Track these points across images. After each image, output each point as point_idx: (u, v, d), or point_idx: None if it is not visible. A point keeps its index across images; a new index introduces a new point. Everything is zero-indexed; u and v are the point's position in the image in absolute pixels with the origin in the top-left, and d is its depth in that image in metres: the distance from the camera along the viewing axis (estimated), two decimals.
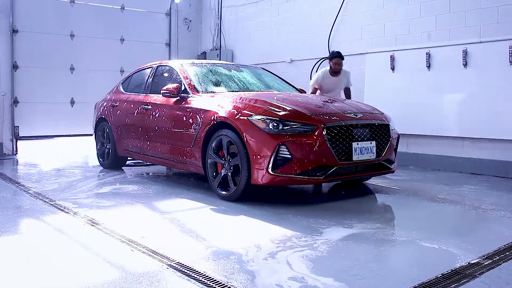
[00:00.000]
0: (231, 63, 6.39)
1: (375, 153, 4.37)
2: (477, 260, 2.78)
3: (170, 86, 5.03)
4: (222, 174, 4.40)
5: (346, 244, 3.10)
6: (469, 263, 2.73)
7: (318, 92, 6.41)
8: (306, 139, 4.03)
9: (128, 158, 6.48)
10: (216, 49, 9.78)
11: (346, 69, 6.52)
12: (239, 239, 3.25)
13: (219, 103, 4.57)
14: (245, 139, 4.12)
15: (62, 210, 4.02)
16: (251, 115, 4.18)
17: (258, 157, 4.04)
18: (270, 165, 3.99)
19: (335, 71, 6.36)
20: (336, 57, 6.27)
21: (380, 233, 3.35)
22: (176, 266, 2.66)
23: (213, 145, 4.47)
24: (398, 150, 4.94)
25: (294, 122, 4.08)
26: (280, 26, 8.65)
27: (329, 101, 4.88)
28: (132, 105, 5.85)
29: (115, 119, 6.14)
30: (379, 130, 4.50)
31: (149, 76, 5.91)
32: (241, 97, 4.59)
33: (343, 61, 6.34)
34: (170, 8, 9.81)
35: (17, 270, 2.64)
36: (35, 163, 7.04)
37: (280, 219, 3.72)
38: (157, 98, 5.40)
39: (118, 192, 4.82)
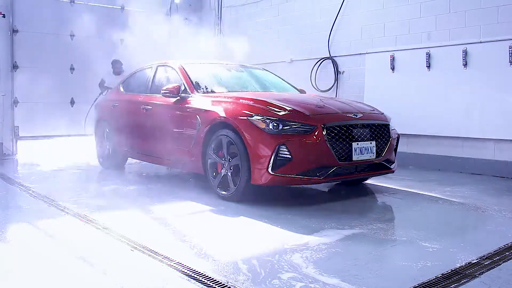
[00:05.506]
0: (231, 63, 6.39)
1: (375, 153, 4.38)
2: (477, 260, 2.78)
3: (170, 86, 5.03)
4: (222, 174, 4.40)
5: (346, 244, 3.10)
6: (469, 263, 2.73)
7: None
8: (306, 139, 4.03)
9: (128, 158, 6.48)
10: None
11: None
12: (239, 240, 3.25)
13: (219, 103, 4.57)
14: (245, 139, 4.12)
15: (62, 210, 4.02)
16: (251, 115, 4.17)
17: (258, 157, 4.04)
18: (270, 165, 3.99)
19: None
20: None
21: (381, 233, 3.36)
22: (176, 266, 2.66)
23: (213, 145, 4.47)
24: (398, 150, 4.94)
25: (294, 122, 4.08)
26: (280, 26, 8.64)
27: (329, 101, 4.88)
28: (132, 105, 5.84)
29: (115, 119, 6.14)
30: (379, 130, 4.50)
31: (149, 76, 5.91)
32: (241, 97, 4.59)
33: None
34: (170, 8, 9.80)
35: (16, 271, 2.63)
36: (35, 163, 7.04)
37: (280, 219, 3.72)
38: (157, 98, 5.39)
39: (118, 192, 4.82)
